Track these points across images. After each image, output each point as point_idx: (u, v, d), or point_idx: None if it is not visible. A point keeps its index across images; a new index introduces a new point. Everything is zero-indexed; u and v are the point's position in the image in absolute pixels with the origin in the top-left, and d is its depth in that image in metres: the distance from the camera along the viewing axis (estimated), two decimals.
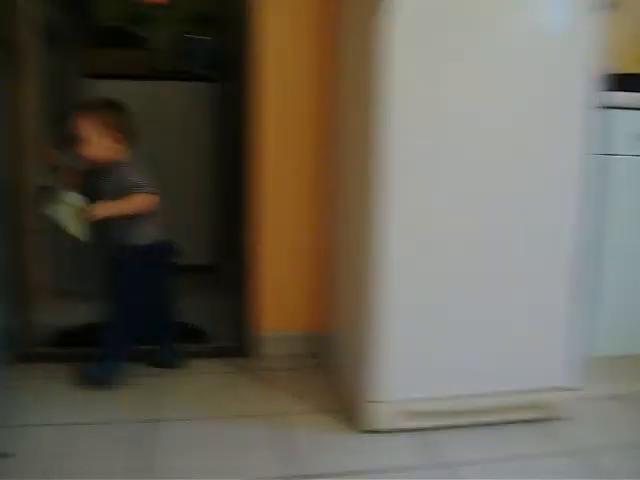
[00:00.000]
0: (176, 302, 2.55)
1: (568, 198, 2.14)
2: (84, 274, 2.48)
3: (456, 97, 2.01)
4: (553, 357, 2.22)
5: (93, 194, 2.26)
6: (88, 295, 2.42)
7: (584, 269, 2.19)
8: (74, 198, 2.24)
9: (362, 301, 2.15)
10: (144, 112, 3.40)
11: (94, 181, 2.28)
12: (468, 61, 2.00)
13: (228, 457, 2.01)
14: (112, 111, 2.29)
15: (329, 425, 2.21)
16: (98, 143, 2.24)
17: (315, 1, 2.51)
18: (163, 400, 2.34)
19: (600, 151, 2.27)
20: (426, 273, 2.08)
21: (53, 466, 1.92)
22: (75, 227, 2.25)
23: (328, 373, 2.55)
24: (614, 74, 2.23)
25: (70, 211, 2.23)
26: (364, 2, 2.11)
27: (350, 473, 1.97)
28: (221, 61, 3.70)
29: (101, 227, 2.28)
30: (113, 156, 2.27)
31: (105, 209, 2.23)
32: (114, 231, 2.31)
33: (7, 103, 2.40)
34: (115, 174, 2.26)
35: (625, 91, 2.29)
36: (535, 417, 2.23)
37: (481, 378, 2.17)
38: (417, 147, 2.01)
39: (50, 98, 3.01)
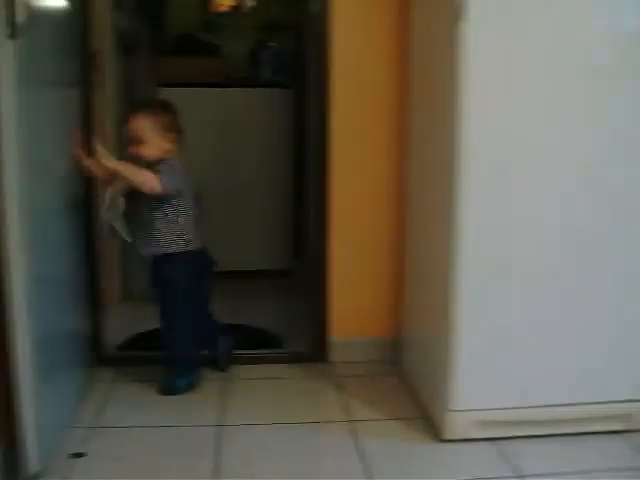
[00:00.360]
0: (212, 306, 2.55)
1: None
2: None
3: (536, 100, 1.95)
4: (634, 367, 2.11)
5: (138, 193, 2.26)
6: None
7: None
8: (121, 201, 2.31)
9: (440, 307, 2.09)
10: (217, 119, 3.48)
11: None
12: (546, 65, 1.94)
13: (300, 462, 1.98)
14: (166, 112, 2.32)
15: (405, 433, 2.14)
16: (153, 143, 2.26)
17: (387, 5, 2.48)
18: (233, 405, 2.32)
19: None
20: (507, 278, 2.01)
21: (122, 466, 1.95)
22: (122, 228, 2.33)
23: (404, 380, 2.49)
24: None
25: (118, 213, 2.31)
26: (438, 7, 2.08)
27: None
28: (291, 67, 3.69)
29: (141, 231, 2.33)
30: (164, 156, 2.28)
31: (111, 162, 2.21)
32: (152, 236, 2.31)
33: (85, 111, 2.45)
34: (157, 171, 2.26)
35: None
36: (616, 428, 2.12)
37: (561, 388, 2.09)
38: (495, 149, 1.95)
39: (126, 106, 3.06)
